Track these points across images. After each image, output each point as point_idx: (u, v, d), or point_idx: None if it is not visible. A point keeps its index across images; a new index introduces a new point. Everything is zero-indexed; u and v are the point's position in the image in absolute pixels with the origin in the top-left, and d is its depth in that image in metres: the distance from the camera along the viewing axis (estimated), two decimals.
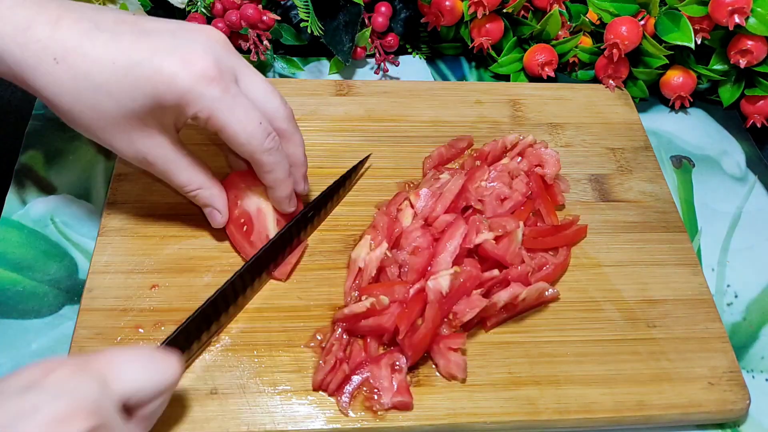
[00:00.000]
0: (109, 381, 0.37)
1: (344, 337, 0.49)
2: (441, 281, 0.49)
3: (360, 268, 0.50)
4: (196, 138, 0.59)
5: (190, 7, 0.67)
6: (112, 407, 0.37)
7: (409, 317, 0.48)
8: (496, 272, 0.52)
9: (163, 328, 0.49)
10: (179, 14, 0.69)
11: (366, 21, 0.72)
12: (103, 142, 0.47)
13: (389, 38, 0.72)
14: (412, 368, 0.49)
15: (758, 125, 0.70)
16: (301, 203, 0.55)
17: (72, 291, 0.54)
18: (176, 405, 0.46)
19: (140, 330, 0.49)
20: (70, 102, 0.44)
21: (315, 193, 0.58)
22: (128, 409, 0.39)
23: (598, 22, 0.72)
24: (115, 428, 0.36)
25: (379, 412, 0.47)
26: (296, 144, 0.51)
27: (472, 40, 0.72)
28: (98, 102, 0.44)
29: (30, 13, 0.43)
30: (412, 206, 0.55)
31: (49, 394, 0.34)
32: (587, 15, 0.72)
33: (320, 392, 0.48)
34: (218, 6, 0.66)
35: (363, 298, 0.48)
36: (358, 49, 0.72)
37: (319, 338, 0.49)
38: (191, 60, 0.44)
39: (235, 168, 0.56)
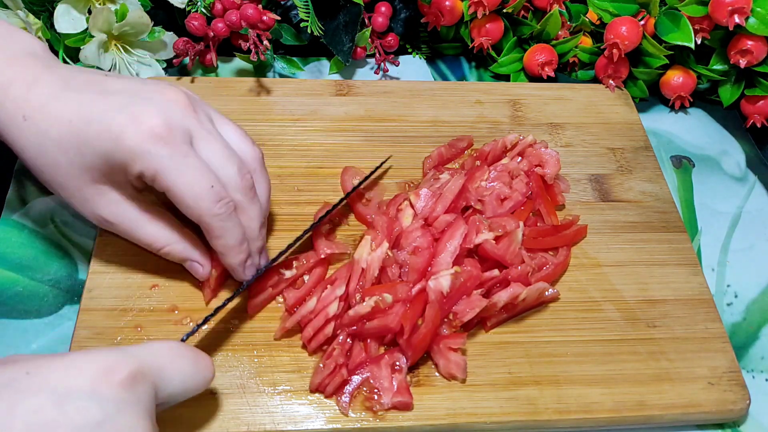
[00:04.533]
0: (159, 389, 0.38)
1: (348, 341, 0.49)
2: (442, 281, 0.49)
3: (363, 269, 0.50)
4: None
5: (190, 7, 0.67)
6: (154, 410, 0.38)
7: (413, 317, 0.48)
8: (496, 272, 0.52)
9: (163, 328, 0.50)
10: (179, 14, 0.69)
11: (366, 21, 0.72)
12: (64, 199, 0.48)
13: (389, 38, 0.72)
14: (412, 368, 0.49)
15: (758, 125, 0.70)
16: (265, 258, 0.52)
17: (72, 291, 0.54)
18: (176, 405, 0.46)
19: (140, 330, 0.49)
20: (34, 157, 0.46)
21: (325, 195, 0.57)
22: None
23: (598, 22, 0.72)
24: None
25: (379, 412, 0.47)
26: (251, 217, 0.48)
27: (472, 40, 0.72)
28: (55, 158, 0.46)
29: (13, 73, 0.46)
30: (412, 206, 0.55)
31: (112, 407, 0.35)
32: (587, 15, 0.72)
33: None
34: (218, 6, 0.66)
35: (366, 299, 0.48)
36: (358, 49, 0.72)
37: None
38: (139, 118, 0.44)
39: None
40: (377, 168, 0.59)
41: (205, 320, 0.46)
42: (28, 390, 0.34)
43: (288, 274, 0.51)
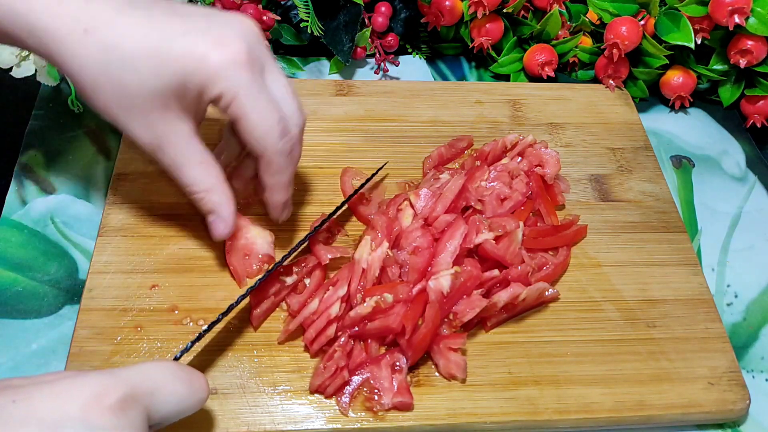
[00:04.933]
0: (152, 412, 0.37)
1: (350, 342, 0.49)
2: (442, 281, 0.49)
3: (363, 269, 0.50)
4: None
5: None
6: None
7: (414, 317, 0.48)
8: (496, 272, 0.52)
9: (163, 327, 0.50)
10: None
11: (366, 21, 0.72)
12: (120, 123, 0.45)
13: (389, 38, 0.72)
14: (412, 368, 0.49)
15: (758, 125, 0.70)
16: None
17: (72, 291, 0.54)
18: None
19: (140, 330, 0.49)
20: (95, 75, 0.43)
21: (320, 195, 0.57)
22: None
23: (598, 22, 0.72)
24: None
25: (379, 413, 0.47)
26: (299, 153, 0.50)
27: (472, 40, 0.72)
28: (123, 77, 0.43)
29: None
30: (412, 206, 0.55)
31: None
32: (587, 15, 0.72)
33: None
34: (218, 6, 0.66)
35: (367, 299, 0.48)
36: (358, 49, 0.72)
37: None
38: (223, 42, 0.43)
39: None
40: (374, 174, 0.59)
41: (199, 337, 0.46)
42: (15, 420, 0.32)
43: (289, 281, 0.51)
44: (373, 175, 0.59)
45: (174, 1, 0.46)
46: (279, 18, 0.66)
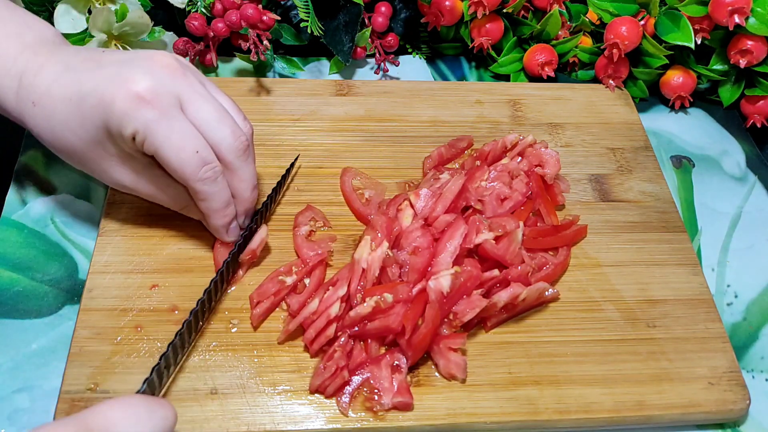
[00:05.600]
0: None
1: (350, 342, 0.49)
2: (442, 281, 0.49)
3: (363, 269, 0.50)
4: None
5: (190, 7, 0.67)
6: None
7: (414, 317, 0.48)
8: (496, 272, 0.52)
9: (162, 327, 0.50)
10: (179, 14, 0.69)
11: (366, 21, 0.72)
12: (90, 173, 0.51)
13: (389, 38, 0.72)
14: (412, 368, 0.49)
15: (758, 125, 0.70)
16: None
17: (72, 291, 0.54)
18: (176, 405, 0.46)
19: (140, 330, 0.49)
20: (49, 139, 0.49)
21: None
22: None
23: (598, 22, 0.72)
24: None
25: (379, 413, 0.47)
26: (241, 179, 0.49)
27: (472, 40, 0.72)
28: (65, 137, 0.48)
29: (24, 62, 0.48)
30: (412, 206, 0.55)
31: None
32: (587, 15, 0.72)
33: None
34: (218, 6, 0.66)
35: (367, 299, 0.48)
36: (358, 49, 0.72)
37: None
38: (126, 83, 0.45)
39: None
40: (291, 165, 0.59)
41: (158, 365, 0.44)
42: None
43: (289, 281, 0.51)
44: (291, 166, 0.59)
45: (107, 52, 0.49)
46: (279, 18, 0.66)
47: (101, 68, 0.47)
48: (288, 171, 0.59)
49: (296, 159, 0.60)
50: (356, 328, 0.49)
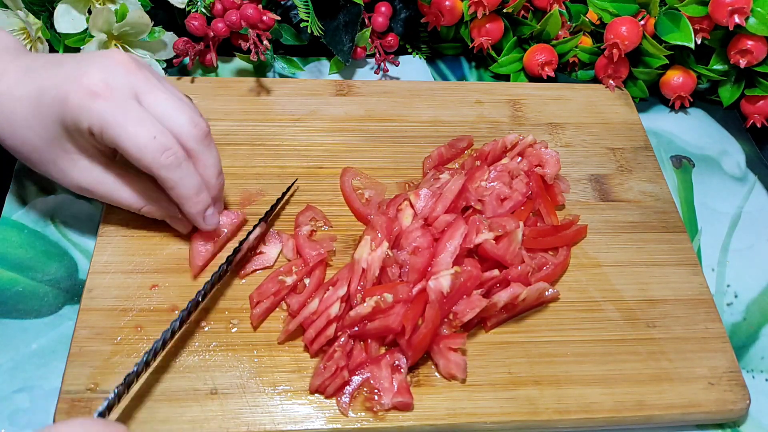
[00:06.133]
0: None
1: (350, 343, 0.49)
2: (442, 281, 0.49)
3: (363, 269, 0.50)
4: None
5: (190, 7, 0.67)
6: None
7: (415, 317, 0.48)
8: (496, 272, 0.52)
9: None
10: (179, 14, 0.69)
11: (366, 21, 0.72)
12: (46, 174, 0.51)
13: (389, 38, 0.72)
14: (412, 368, 0.49)
15: (758, 125, 0.70)
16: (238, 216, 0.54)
17: (72, 291, 0.54)
18: (176, 405, 0.46)
19: (140, 330, 0.49)
20: (9, 139, 0.50)
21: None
22: None
23: (598, 22, 0.72)
24: None
25: (379, 413, 0.47)
26: (205, 165, 0.50)
27: (472, 40, 0.72)
28: (25, 136, 0.49)
29: None
30: (412, 206, 0.55)
31: None
32: (587, 15, 0.72)
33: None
34: (218, 6, 0.66)
35: (367, 299, 0.48)
36: (358, 49, 0.72)
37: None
38: (80, 79, 0.46)
39: None
40: (285, 192, 0.58)
41: (121, 386, 0.43)
42: None
43: (289, 280, 0.51)
44: (286, 191, 0.58)
45: (67, 55, 0.50)
46: (279, 18, 0.66)
47: (60, 67, 0.48)
48: (284, 194, 0.58)
49: (294, 183, 0.59)
50: (356, 328, 0.49)
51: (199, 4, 0.67)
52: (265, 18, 0.64)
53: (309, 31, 0.65)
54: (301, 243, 0.54)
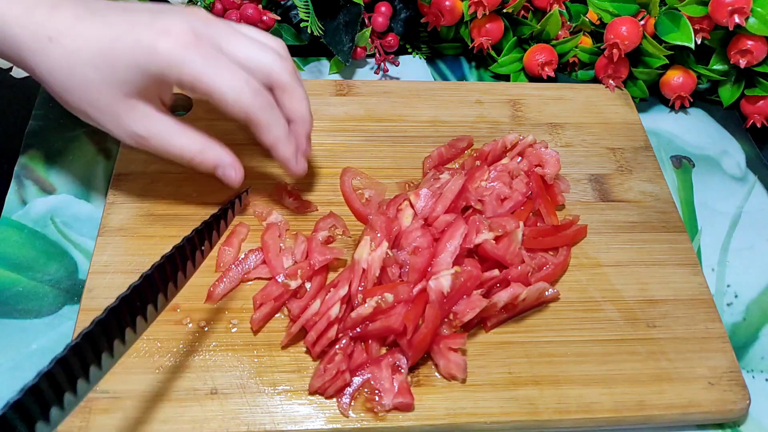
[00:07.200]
0: None
1: (351, 344, 0.49)
2: (442, 281, 0.49)
3: (363, 269, 0.50)
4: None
5: None
6: None
7: (415, 317, 0.48)
8: (496, 272, 0.52)
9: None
10: None
11: (366, 21, 0.72)
12: (95, 122, 0.49)
13: (389, 38, 0.72)
14: (412, 368, 0.49)
15: (758, 125, 0.70)
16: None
17: (72, 291, 0.54)
18: (176, 405, 0.46)
19: None
20: (62, 79, 0.47)
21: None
22: None
23: (598, 22, 0.72)
24: None
25: (379, 413, 0.47)
26: (297, 98, 0.51)
27: (472, 40, 0.72)
28: (87, 77, 0.47)
29: None
30: (412, 206, 0.55)
31: None
32: (587, 15, 0.72)
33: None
34: (218, 6, 0.66)
35: (367, 300, 0.48)
36: (358, 49, 0.72)
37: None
38: (168, 29, 0.46)
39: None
40: (238, 198, 0.55)
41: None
42: None
43: (293, 284, 0.51)
44: (239, 197, 0.55)
45: (130, 3, 0.49)
46: (279, 18, 0.66)
47: (133, 14, 0.47)
48: (232, 203, 0.52)
49: (246, 191, 0.57)
50: (358, 330, 0.49)
51: (199, 4, 0.67)
52: (265, 18, 0.64)
53: (309, 31, 0.65)
54: (312, 247, 0.54)
